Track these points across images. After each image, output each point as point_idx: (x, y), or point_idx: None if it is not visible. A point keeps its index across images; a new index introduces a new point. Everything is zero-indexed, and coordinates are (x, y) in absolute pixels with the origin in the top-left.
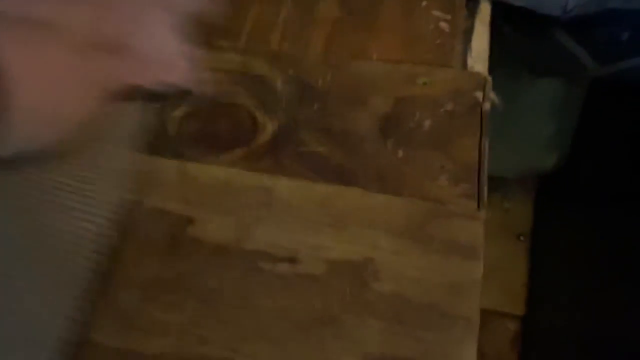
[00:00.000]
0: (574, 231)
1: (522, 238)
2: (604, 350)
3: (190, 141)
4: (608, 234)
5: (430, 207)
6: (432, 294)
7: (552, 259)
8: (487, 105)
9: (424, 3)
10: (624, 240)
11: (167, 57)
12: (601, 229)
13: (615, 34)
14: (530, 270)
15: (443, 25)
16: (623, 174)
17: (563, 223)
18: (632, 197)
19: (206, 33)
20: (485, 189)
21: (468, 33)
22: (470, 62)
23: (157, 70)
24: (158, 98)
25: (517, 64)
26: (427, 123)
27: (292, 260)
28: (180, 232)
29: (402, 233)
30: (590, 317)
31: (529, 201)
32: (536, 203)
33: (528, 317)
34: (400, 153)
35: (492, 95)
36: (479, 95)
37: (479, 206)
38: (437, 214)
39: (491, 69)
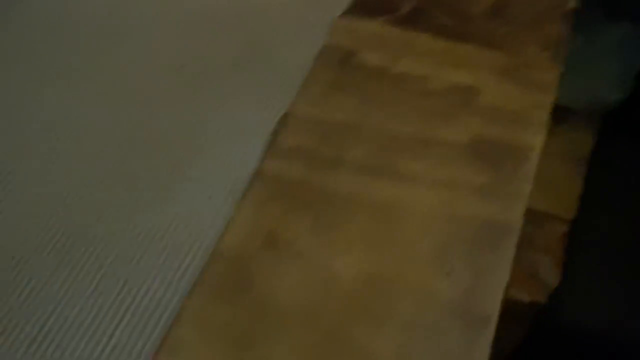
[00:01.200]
0: (629, 160)
1: (582, 162)
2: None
3: (354, 8)
4: None
5: (522, 60)
6: (509, 126)
7: (605, 179)
8: (571, 4)
9: None
10: None
11: None
12: None
13: None
14: (584, 186)
15: None
16: None
17: (620, 152)
18: None
19: None
20: (563, 54)
21: None
22: None
23: None
24: None
25: (595, 8)
26: (526, 12)
27: (424, 80)
28: (346, 60)
29: (499, 74)
30: (631, 224)
31: (592, 133)
32: (599, 135)
33: (577, 221)
34: (504, 29)
35: None
36: None
37: (557, 61)
38: (527, 65)
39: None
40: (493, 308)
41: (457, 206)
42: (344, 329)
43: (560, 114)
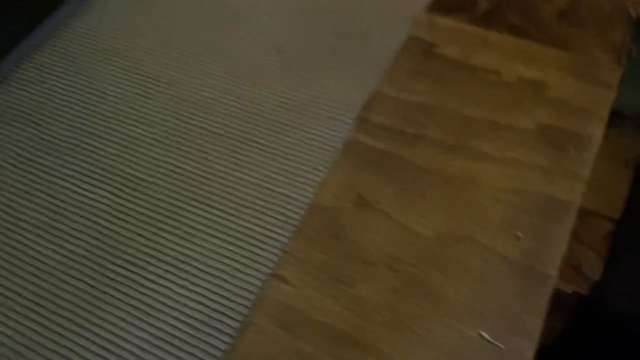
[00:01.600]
0: None
1: (629, 165)
2: None
3: (435, 6)
4: None
5: (587, 60)
6: (572, 117)
7: None
8: (633, 13)
9: None
10: None
11: None
12: None
13: None
14: (631, 188)
15: None
16: None
17: None
18: None
19: None
20: (625, 57)
21: None
22: None
23: None
24: None
25: None
26: (593, 17)
27: (496, 72)
28: (428, 51)
29: (566, 71)
30: None
31: None
32: None
33: (621, 220)
34: (571, 31)
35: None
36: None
37: (619, 64)
38: (591, 64)
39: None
40: (553, 269)
41: (524, 183)
42: (421, 277)
43: (612, 119)
